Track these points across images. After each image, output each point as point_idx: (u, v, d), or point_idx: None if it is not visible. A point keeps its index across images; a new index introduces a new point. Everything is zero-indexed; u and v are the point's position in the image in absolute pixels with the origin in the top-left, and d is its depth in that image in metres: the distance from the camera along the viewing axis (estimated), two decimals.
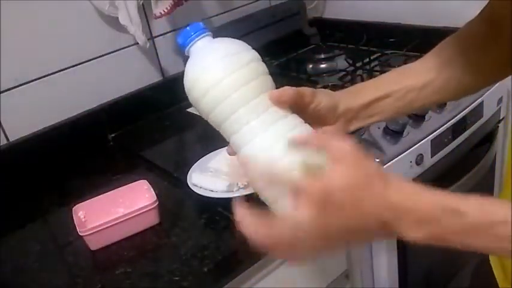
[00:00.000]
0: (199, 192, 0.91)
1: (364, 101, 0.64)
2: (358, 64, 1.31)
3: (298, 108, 0.58)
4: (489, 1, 0.65)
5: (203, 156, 1.01)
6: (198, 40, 0.58)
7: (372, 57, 1.34)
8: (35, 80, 1.13)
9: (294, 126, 0.55)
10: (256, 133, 0.54)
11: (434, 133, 1.07)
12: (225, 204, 0.88)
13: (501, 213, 0.44)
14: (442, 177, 1.12)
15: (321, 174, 0.48)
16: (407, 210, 0.47)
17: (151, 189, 0.89)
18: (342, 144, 0.50)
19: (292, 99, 0.56)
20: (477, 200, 0.46)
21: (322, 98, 0.60)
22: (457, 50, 0.67)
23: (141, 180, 0.93)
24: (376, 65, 1.31)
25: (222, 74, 0.54)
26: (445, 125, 1.09)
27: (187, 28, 0.58)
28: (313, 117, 0.59)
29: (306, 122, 0.57)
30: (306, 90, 0.59)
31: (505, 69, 0.66)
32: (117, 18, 1.17)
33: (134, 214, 0.84)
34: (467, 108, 1.15)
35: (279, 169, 0.52)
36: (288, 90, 0.55)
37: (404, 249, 1.10)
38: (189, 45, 0.59)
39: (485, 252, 0.47)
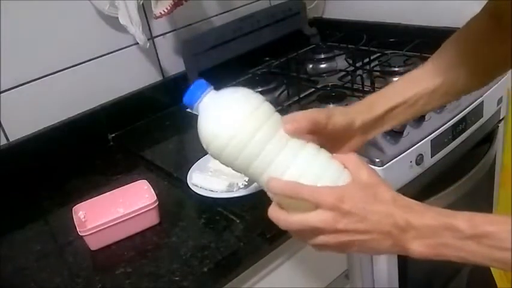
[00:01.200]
0: (199, 192, 0.91)
1: (378, 113, 0.67)
2: (358, 64, 1.31)
3: (314, 132, 0.61)
4: None
5: (203, 156, 1.01)
6: (204, 97, 0.62)
7: (371, 57, 1.34)
8: (35, 80, 1.13)
9: (316, 153, 0.59)
10: (283, 171, 0.58)
11: (434, 133, 1.07)
12: (225, 204, 0.88)
13: (491, 225, 0.49)
14: (442, 177, 1.12)
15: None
16: (410, 226, 0.52)
17: (151, 189, 0.89)
18: (364, 170, 0.57)
19: (307, 129, 0.60)
20: (468, 215, 0.51)
21: (337, 119, 0.64)
22: (463, 47, 0.68)
23: (141, 180, 0.93)
24: (376, 65, 1.31)
25: (240, 123, 0.58)
26: (445, 125, 1.09)
27: (191, 88, 0.62)
28: (330, 137, 0.63)
29: (323, 142, 0.62)
30: (320, 114, 0.63)
31: (509, 63, 0.67)
32: (117, 18, 1.17)
33: (134, 214, 0.84)
34: (467, 108, 1.15)
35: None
36: (302, 123, 0.59)
37: None
38: (197, 102, 0.62)
39: (482, 264, 0.51)
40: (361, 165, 0.58)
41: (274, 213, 0.59)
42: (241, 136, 0.58)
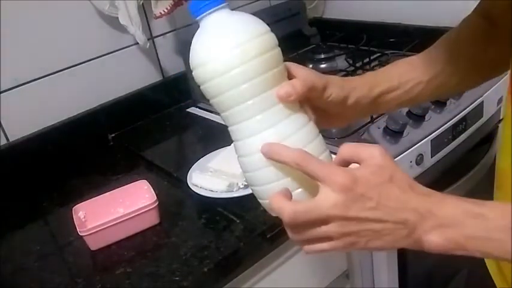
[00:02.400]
0: (199, 192, 0.91)
1: (374, 93, 0.63)
2: (358, 64, 1.31)
3: (307, 98, 0.56)
4: None
5: (203, 156, 1.01)
6: (214, 12, 0.51)
7: (371, 57, 1.33)
8: (35, 80, 1.13)
9: (301, 125, 0.54)
10: (259, 130, 0.52)
11: (434, 133, 1.07)
12: (225, 204, 0.88)
13: None
14: (442, 177, 1.12)
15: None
16: (430, 214, 0.46)
17: (151, 189, 0.88)
18: (371, 148, 0.50)
19: (300, 97, 0.54)
20: (498, 204, 0.46)
21: (333, 90, 0.59)
22: (454, 47, 0.68)
23: (141, 180, 0.93)
24: (376, 65, 1.31)
25: (236, 62, 0.49)
26: (445, 125, 1.09)
27: None
28: (320, 107, 0.59)
29: (311, 110, 0.56)
30: (319, 81, 0.57)
31: (505, 65, 0.66)
32: (117, 18, 1.18)
33: (134, 214, 0.84)
34: (467, 108, 1.15)
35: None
36: (297, 89, 0.53)
37: (404, 249, 1.09)
38: (203, 15, 0.51)
39: (506, 259, 0.46)
40: (371, 146, 0.51)
41: (281, 202, 0.50)
42: (224, 79, 0.50)
